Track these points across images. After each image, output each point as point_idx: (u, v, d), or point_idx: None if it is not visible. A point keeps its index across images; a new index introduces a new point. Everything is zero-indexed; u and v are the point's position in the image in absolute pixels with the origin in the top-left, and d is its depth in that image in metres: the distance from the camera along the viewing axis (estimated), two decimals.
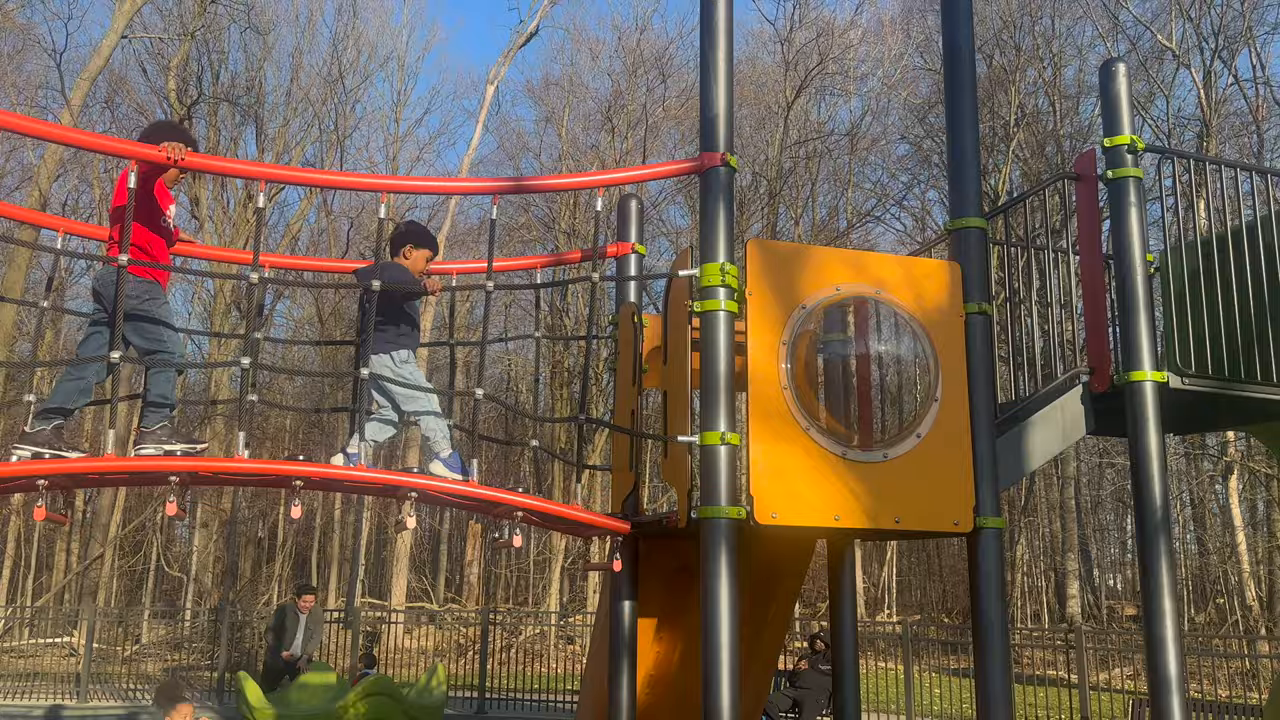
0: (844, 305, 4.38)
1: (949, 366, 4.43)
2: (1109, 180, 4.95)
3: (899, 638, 15.38)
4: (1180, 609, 17.25)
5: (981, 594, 4.35)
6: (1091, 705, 11.80)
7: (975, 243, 4.64)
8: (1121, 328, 4.86)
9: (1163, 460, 4.69)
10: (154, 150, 3.86)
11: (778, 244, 4.52)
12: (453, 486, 3.96)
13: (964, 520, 4.33)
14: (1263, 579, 23.52)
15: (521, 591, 30.13)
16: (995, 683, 4.24)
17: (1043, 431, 4.91)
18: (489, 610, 18.58)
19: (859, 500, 4.17)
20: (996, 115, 28.40)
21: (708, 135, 4.20)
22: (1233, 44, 26.00)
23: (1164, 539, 4.59)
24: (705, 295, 4.13)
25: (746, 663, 5.51)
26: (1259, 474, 23.77)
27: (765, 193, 29.80)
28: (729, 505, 3.95)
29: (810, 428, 4.15)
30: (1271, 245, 5.22)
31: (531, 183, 4.12)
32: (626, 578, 4.77)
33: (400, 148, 30.64)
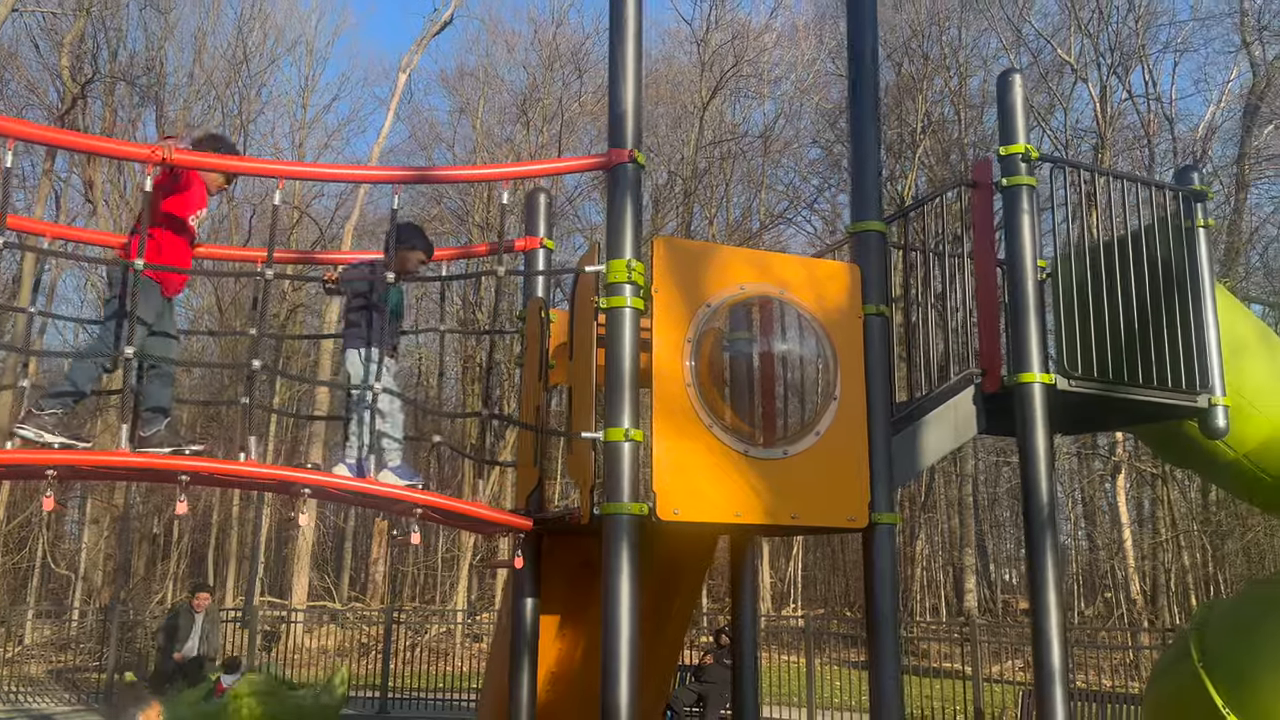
0: (748, 304, 4.44)
1: (848, 366, 4.52)
2: (1004, 188, 5.11)
3: (802, 631, 15.66)
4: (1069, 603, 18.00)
5: (875, 588, 4.45)
6: (985, 696, 12.21)
7: (875, 246, 4.75)
8: (1012, 331, 5.03)
9: (1049, 459, 4.87)
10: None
11: (684, 242, 4.54)
12: (349, 483, 3.88)
13: (859, 516, 4.42)
14: (1147, 574, 24.63)
15: (429, 589, 29.73)
16: (887, 673, 4.36)
17: (936, 430, 5.05)
18: (393, 609, 18.28)
19: (759, 497, 4.22)
20: (904, 122, 29.13)
21: (616, 132, 4.20)
22: (1127, 61, 27.17)
23: (1050, 535, 4.77)
24: (611, 291, 4.13)
25: (648, 659, 5.54)
26: (1145, 473, 24.89)
27: (680, 191, 29.99)
28: (631, 502, 3.97)
29: (713, 425, 4.19)
30: (1155, 253, 5.47)
31: (435, 173, 4.07)
32: (529, 575, 4.75)
33: (307, 134, 29.93)
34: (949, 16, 29.40)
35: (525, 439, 4.87)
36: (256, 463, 3.81)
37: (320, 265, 7.31)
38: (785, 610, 28.81)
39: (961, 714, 12.94)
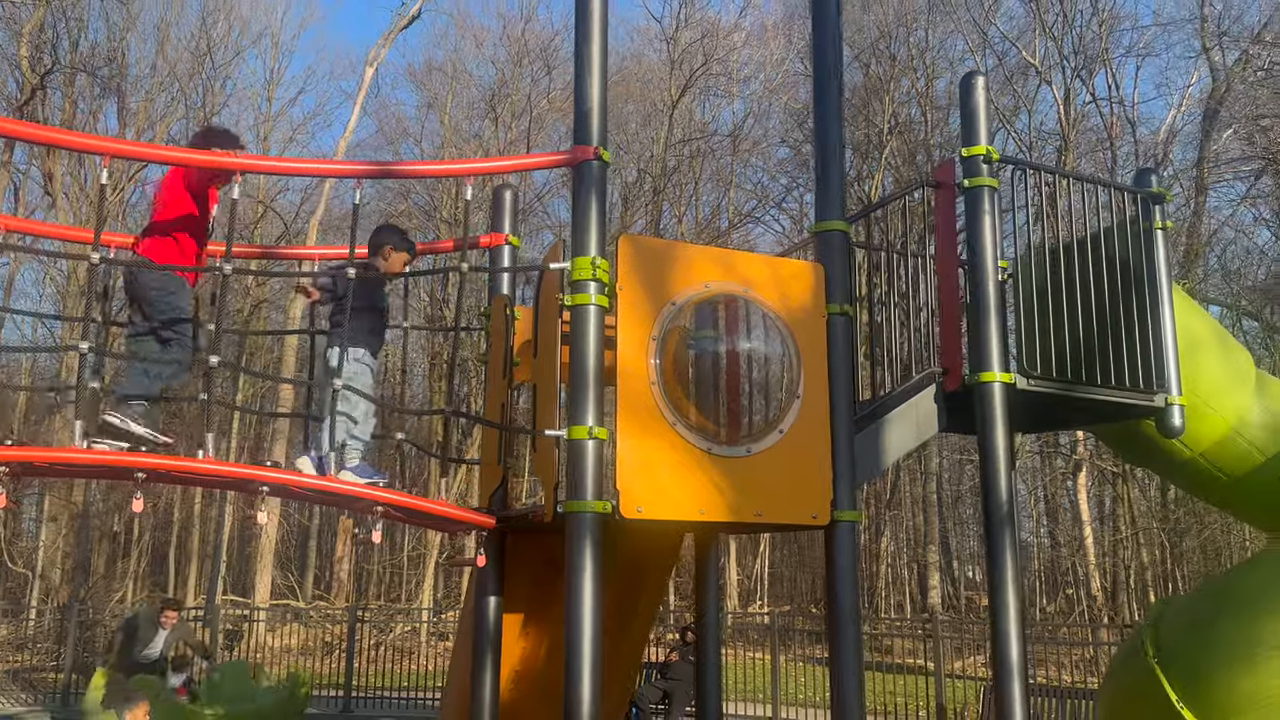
0: (713, 303, 4.45)
1: (811, 364, 4.55)
2: (966, 189, 5.16)
3: (768, 628, 15.74)
4: (1030, 600, 18.21)
5: (837, 584, 4.48)
6: (947, 692, 12.34)
7: (838, 245, 4.78)
8: (972, 330, 5.08)
9: (1009, 457, 4.93)
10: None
11: (649, 240, 4.55)
12: (309, 481, 3.84)
13: (822, 513, 4.45)
14: (1107, 571, 25.01)
15: (394, 588, 29.55)
16: (848, 669, 4.39)
17: (898, 429, 5.09)
18: (357, 607, 18.15)
19: (723, 494, 4.24)
20: (871, 123, 29.34)
21: (581, 128, 4.20)
22: (1091, 64, 27.55)
23: (1009, 533, 4.82)
24: (576, 289, 4.13)
25: (612, 657, 5.53)
26: (1106, 472, 25.27)
27: (650, 189, 30.02)
28: (595, 499, 3.97)
29: (677, 423, 4.20)
30: (1114, 255, 5.54)
31: (399, 168, 4.03)
32: (492, 573, 4.73)
33: (272, 127, 29.60)
34: (916, 18, 29.65)
35: (489, 437, 4.85)
36: (214, 460, 3.76)
37: (284, 260, 7.23)
38: (752, 607, 28.93)
39: (924, 709, 13.07)
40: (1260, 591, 4.94)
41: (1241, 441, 5.81)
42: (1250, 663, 4.75)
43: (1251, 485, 5.81)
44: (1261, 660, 4.72)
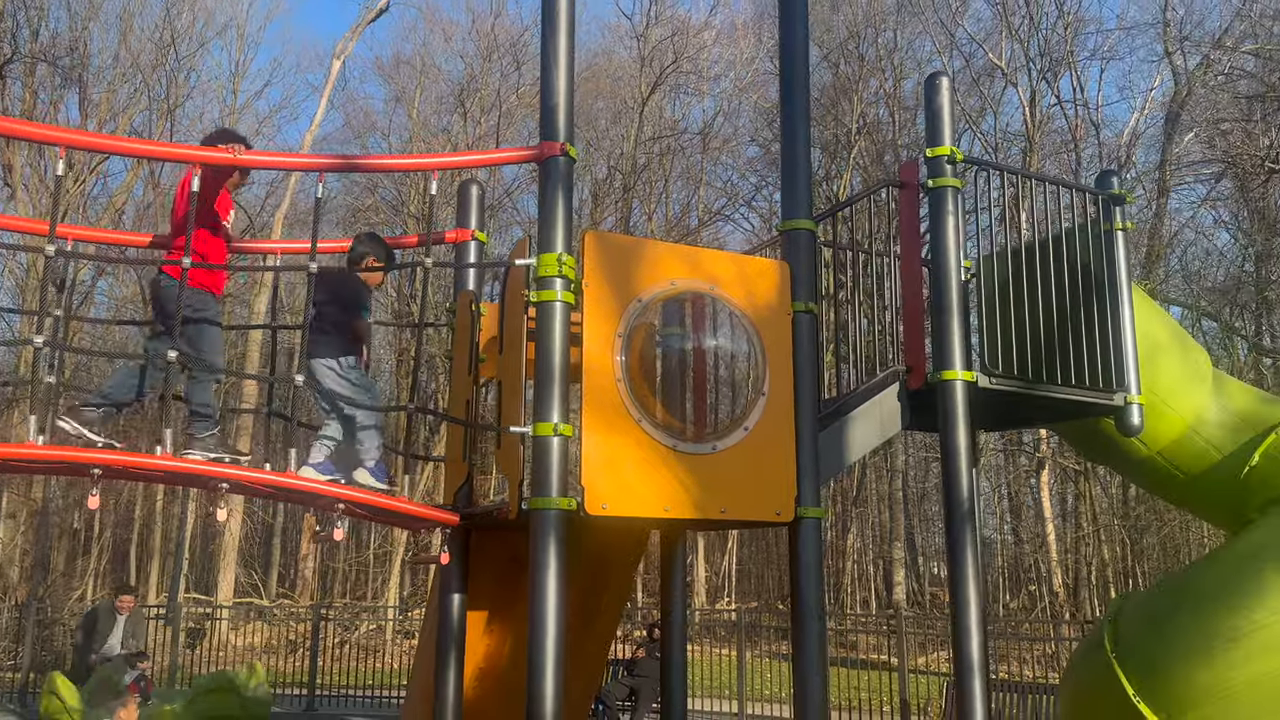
0: (679, 300, 4.45)
1: (776, 362, 4.57)
2: (929, 189, 5.21)
3: (734, 625, 15.80)
4: (993, 596, 18.37)
5: (801, 581, 4.51)
6: (911, 687, 12.45)
7: (804, 244, 4.80)
8: (935, 329, 5.12)
9: (970, 455, 4.98)
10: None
11: (616, 236, 4.54)
12: (268, 478, 3.80)
13: (786, 510, 4.48)
14: (1069, 567, 25.36)
15: (360, 586, 29.34)
16: (811, 665, 4.42)
17: (862, 426, 5.13)
18: (322, 605, 17.99)
19: (688, 491, 4.25)
20: (840, 123, 29.51)
21: (547, 124, 4.18)
22: (1056, 66, 27.88)
23: (970, 529, 4.87)
24: (542, 285, 4.11)
25: (577, 654, 5.53)
26: (1069, 469, 25.61)
27: (620, 186, 30.01)
28: (560, 496, 3.96)
29: (643, 420, 4.20)
30: (1076, 255, 5.61)
31: (364, 162, 3.97)
32: (456, 570, 4.71)
33: (237, 120, 29.21)
34: (885, 19, 29.85)
35: (454, 434, 4.83)
36: (171, 456, 3.71)
37: (249, 255, 7.14)
38: (720, 604, 29.04)
39: (889, 704, 13.18)
40: (1217, 587, 5.03)
41: (1199, 440, 5.91)
42: (1206, 656, 4.83)
43: (1208, 483, 5.91)
44: (1218, 653, 4.80)
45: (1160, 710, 4.97)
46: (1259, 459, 5.65)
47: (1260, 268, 24.10)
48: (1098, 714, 5.39)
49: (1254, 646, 4.74)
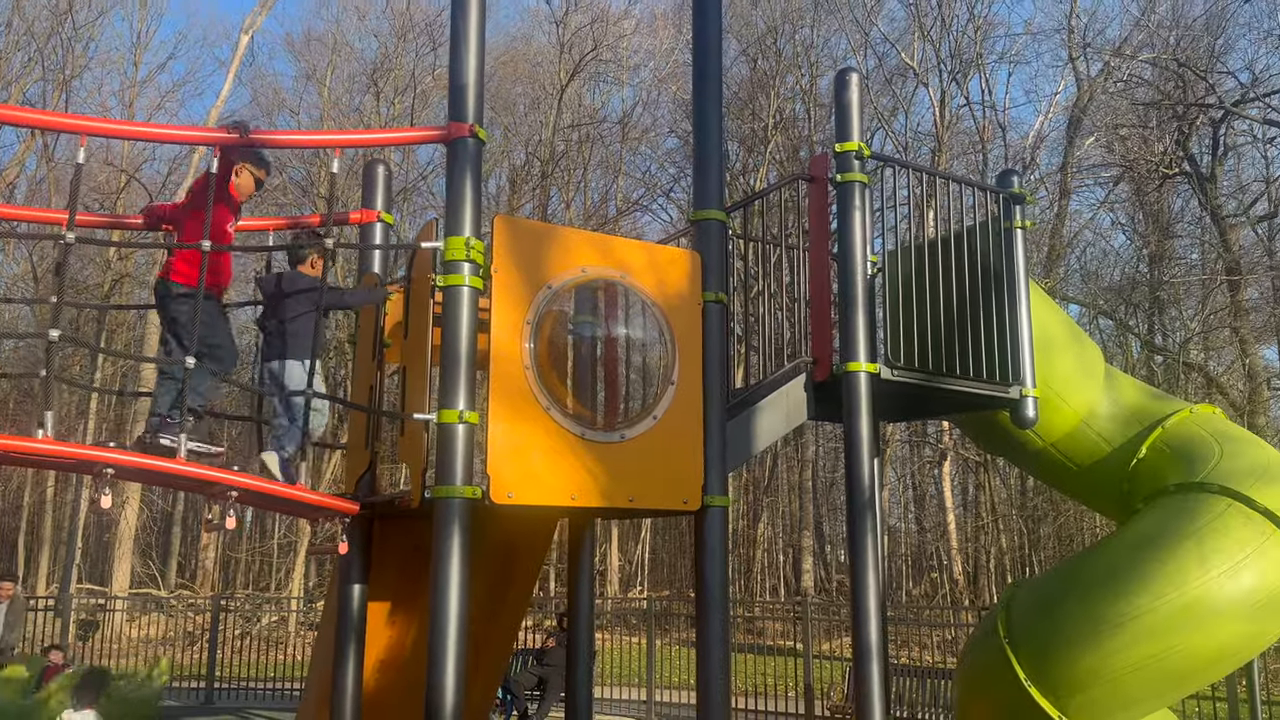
0: (589, 287, 4.42)
1: (686, 351, 4.58)
2: (838, 183, 5.27)
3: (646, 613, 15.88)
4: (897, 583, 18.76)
5: (706, 568, 4.54)
6: (815, 672, 12.68)
7: (715, 234, 4.82)
8: (841, 322, 5.20)
9: (872, 445, 5.07)
10: None
11: (526, 222, 4.48)
12: (155, 464, 3.65)
13: (693, 499, 4.50)
14: (969, 555, 26.18)
15: (264, 576, 28.61)
16: (714, 651, 4.45)
17: (770, 416, 5.18)
18: (222, 596, 17.49)
19: (596, 480, 4.23)
20: (757, 117, 29.79)
21: (456, 105, 4.10)
22: (966, 69, 28.61)
23: (870, 517, 4.97)
24: (449, 270, 4.04)
25: (483, 644, 5.48)
26: (970, 461, 26.41)
27: (538, 173, 29.78)
28: (464, 485, 3.90)
29: (551, 407, 4.16)
30: (977, 252, 5.76)
31: (260, 136, 3.81)
32: (356, 560, 4.61)
33: (138, 93, 28.09)
34: (802, 16, 30.20)
35: (357, 421, 4.72)
36: (52, 440, 3.53)
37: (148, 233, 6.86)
38: (632, 592, 29.17)
39: (794, 689, 13.43)
40: (1104, 575, 5.23)
41: (1090, 433, 6.14)
42: (1093, 641, 5.03)
43: (1099, 474, 6.15)
44: (1104, 638, 5.00)
45: (1049, 693, 5.16)
46: (1146, 452, 5.89)
47: (1154, 269, 25.17)
48: (991, 697, 5.57)
49: (1138, 632, 4.95)
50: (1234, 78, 24.57)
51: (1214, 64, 24.54)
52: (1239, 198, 25.82)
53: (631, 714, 13.42)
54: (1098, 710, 5.11)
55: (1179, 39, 24.92)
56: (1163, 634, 4.92)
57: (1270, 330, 24.54)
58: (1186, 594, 4.94)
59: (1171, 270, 24.86)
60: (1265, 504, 5.22)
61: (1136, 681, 5.00)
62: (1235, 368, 23.76)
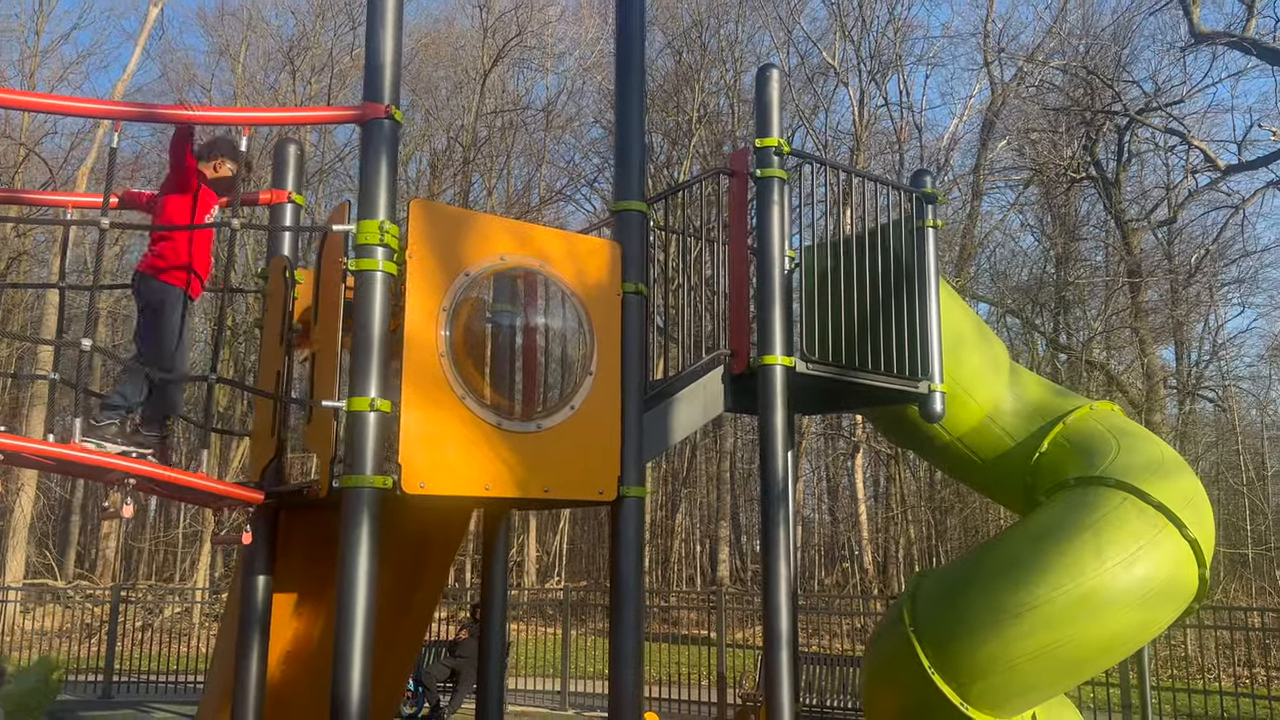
0: (508, 275, 4.37)
1: (605, 342, 4.57)
2: (757, 178, 5.32)
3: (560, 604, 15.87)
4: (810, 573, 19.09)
5: (621, 558, 4.54)
6: (728, 660, 12.84)
7: (635, 225, 4.81)
8: (758, 315, 5.25)
9: (786, 437, 5.14)
10: None
11: (443, 206, 4.40)
12: (47, 449, 3.49)
13: (609, 489, 4.49)
14: (880, 546, 26.80)
15: (169, 566, 27.74)
16: (627, 642, 4.45)
17: (687, 408, 5.21)
18: (122, 587, 16.90)
19: (510, 470, 4.19)
20: (682, 110, 29.89)
21: (372, 84, 4.00)
22: (885, 69, 29.16)
23: (782, 508, 5.03)
24: (362, 253, 3.94)
25: (393, 636, 5.40)
26: (882, 454, 27.01)
27: (460, 159, 29.39)
28: (374, 474, 3.82)
29: (467, 396, 4.10)
30: (890, 250, 5.88)
31: (163, 111, 3.63)
32: (262, 551, 4.49)
33: (39, 64, 26.83)
34: (727, 10, 30.38)
35: (263, 407, 4.58)
36: None
37: (49, 208, 6.55)
38: (550, 583, 29.11)
39: (707, 678, 13.57)
40: (1006, 565, 5.39)
41: (995, 428, 6.33)
42: (996, 629, 5.18)
43: (1003, 468, 6.34)
44: (1005, 626, 5.16)
45: (952, 680, 5.31)
46: (1048, 446, 6.10)
47: (1060, 270, 26.05)
48: (897, 684, 5.70)
49: (1036, 621, 5.12)
50: (1139, 87, 25.53)
51: (1120, 73, 25.47)
52: (1141, 203, 26.90)
53: (546, 704, 13.40)
54: (998, 697, 5.28)
55: (1088, 47, 25.79)
56: (1060, 623, 5.10)
57: (1167, 331, 25.64)
58: (1083, 584, 5.12)
59: (1076, 271, 25.78)
60: (1159, 498, 5.44)
61: (1035, 668, 5.17)
62: (1134, 367, 24.77)
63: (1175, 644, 14.48)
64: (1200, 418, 26.08)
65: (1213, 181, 25.16)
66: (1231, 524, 21.12)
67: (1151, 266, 25.21)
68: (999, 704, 5.34)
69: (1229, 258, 26.90)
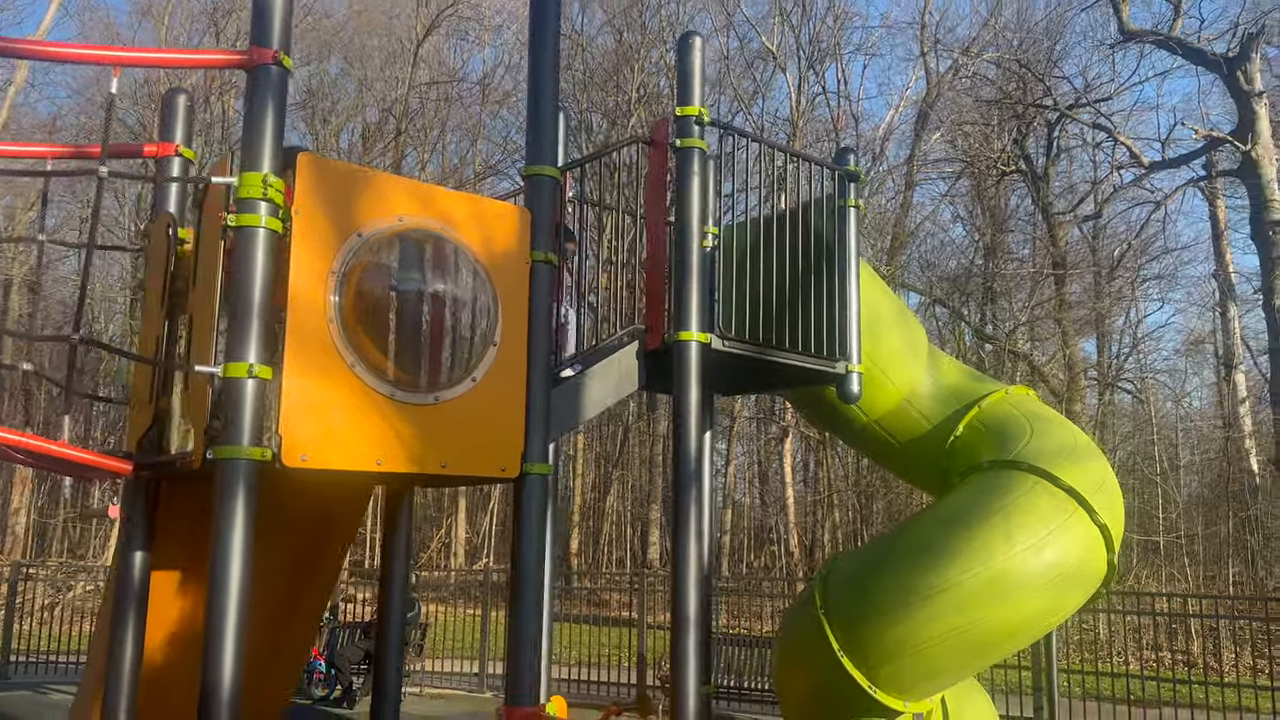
0: (406, 238, 4.14)
1: (511, 312, 4.38)
2: (677, 148, 5.16)
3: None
4: (739, 556, 19.09)
5: (523, 537, 4.37)
6: (650, 641, 12.77)
7: (547, 191, 4.62)
8: (675, 290, 5.10)
9: (700, 416, 5.01)
10: None
11: (335, 163, 4.15)
12: None
13: (511, 466, 4.31)
14: (807, 530, 27.05)
15: (82, 543, 26.83)
16: (527, 624, 4.30)
17: (599, 383, 5.05)
18: (25, 564, 16.23)
19: (404, 444, 3.98)
20: (621, 90, 29.62)
21: (259, 28, 3.74)
22: (823, 57, 29.23)
23: (694, 488, 4.90)
24: (243, 209, 3.69)
25: (288, 618, 5.17)
26: (811, 439, 27.22)
27: (393, 130, 28.76)
28: (251, 445, 3.58)
29: (357, 365, 3.88)
30: (811, 228, 5.77)
31: (23, 46, 3.33)
32: (138, 525, 4.22)
33: None
34: None
35: (141, 373, 4.30)
36: None
37: None
38: (478, 564, 28.82)
39: (629, 660, 13.51)
40: (916, 548, 5.34)
41: (912, 410, 6.28)
42: (904, 611, 5.13)
43: (919, 451, 6.30)
44: (914, 609, 5.11)
45: (861, 664, 5.25)
46: (963, 430, 6.06)
47: (988, 261, 26.45)
48: (807, 667, 5.63)
49: (945, 604, 5.07)
50: (1069, 82, 25.99)
51: (1051, 68, 25.90)
52: (1068, 197, 27.44)
53: (464, 685, 13.20)
54: (906, 680, 5.24)
55: (1022, 40, 26.14)
56: (969, 606, 5.06)
57: (1089, 324, 26.24)
58: (992, 568, 5.10)
59: (1004, 263, 26.20)
60: (1070, 482, 5.44)
61: (943, 651, 5.13)
62: (1057, 358, 25.30)
63: (1086, 627, 14.82)
64: (1119, 409, 26.77)
65: (1137, 178, 25.78)
66: (1145, 512, 21.73)
67: (1076, 260, 25.75)
68: (907, 687, 5.30)
69: (1150, 254, 27.63)
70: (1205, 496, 24.86)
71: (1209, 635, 15.25)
